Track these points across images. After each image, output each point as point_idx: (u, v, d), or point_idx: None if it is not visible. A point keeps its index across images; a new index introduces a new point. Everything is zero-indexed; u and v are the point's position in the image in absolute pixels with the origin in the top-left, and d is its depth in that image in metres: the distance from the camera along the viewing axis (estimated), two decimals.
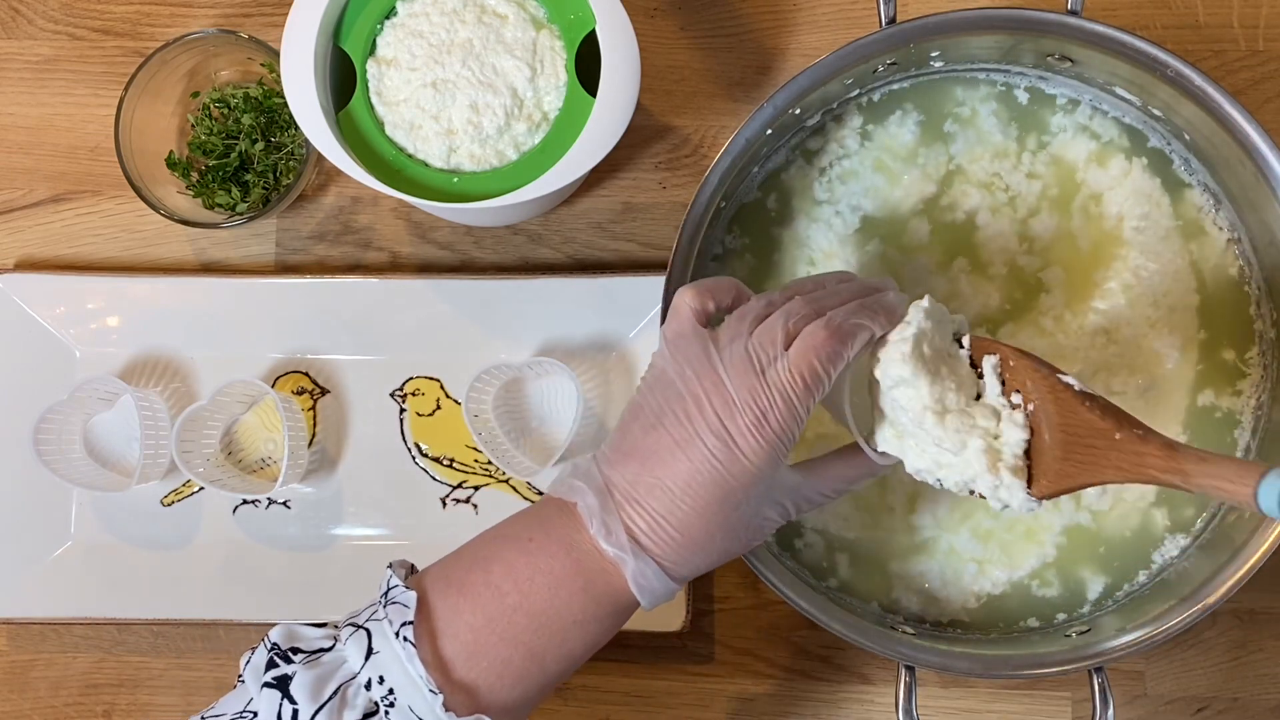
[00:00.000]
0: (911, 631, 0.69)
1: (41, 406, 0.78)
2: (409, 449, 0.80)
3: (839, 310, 0.58)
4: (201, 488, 0.80)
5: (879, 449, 0.60)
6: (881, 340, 0.58)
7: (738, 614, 0.79)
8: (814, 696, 0.78)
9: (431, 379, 0.80)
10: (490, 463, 0.79)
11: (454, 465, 0.80)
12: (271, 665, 0.58)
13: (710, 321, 0.59)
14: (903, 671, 0.66)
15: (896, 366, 0.57)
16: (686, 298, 0.59)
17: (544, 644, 0.57)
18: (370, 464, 0.80)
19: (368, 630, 0.57)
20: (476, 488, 0.80)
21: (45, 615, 0.79)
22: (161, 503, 0.81)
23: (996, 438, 0.57)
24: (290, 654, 0.58)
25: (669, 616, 0.75)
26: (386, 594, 0.59)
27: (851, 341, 0.57)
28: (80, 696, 0.82)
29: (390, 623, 0.57)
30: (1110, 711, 0.65)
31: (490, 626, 0.57)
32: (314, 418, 0.81)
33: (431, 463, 0.80)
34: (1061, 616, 0.71)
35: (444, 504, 0.80)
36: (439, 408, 0.80)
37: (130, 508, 0.81)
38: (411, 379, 0.81)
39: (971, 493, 0.58)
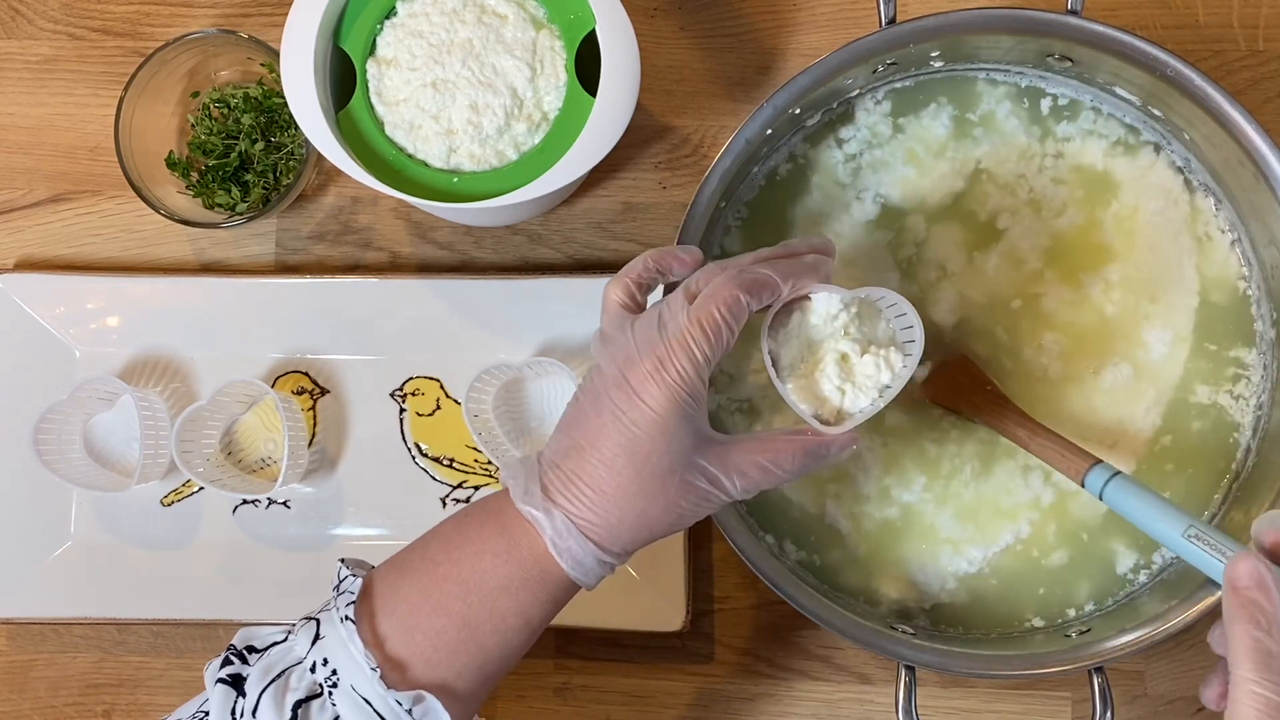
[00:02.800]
0: (911, 631, 0.69)
1: (41, 406, 0.77)
2: (409, 449, 0.80)
3: (748, 265, 0.58)
4: (201, 488, 0.80)
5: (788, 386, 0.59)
6: (804, 300, 0.59)
7: (738, 614, 0.79)
8: (814, 696, 0.78)
9: (431, 379, 0.80)
10: (490, 463, 0.79)
11: (454, 465, 0.80)
12: (227, 663, 0.59)
13: (642, 304, 0.60)
14: (903, 671, 0.66)
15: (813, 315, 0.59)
16: (611, 291, 0.60)
17: (475, 612, 0.57)
18: (370, 464, 0.80)
19: (317, 620, 0.59)
20: (476, 488, 0.80)
21: (45, 615, 0.79)
22: (161, 503, 0.81)
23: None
24: (246, 653, 0.59)
25: (669, 616, 0.75)
26: (338, 585, 0.60)
27: (755, 291, 0.57)
28: (80, 696, 0.82)
29: (337, 608, 0.58)
30: (1110, 711, 0.65)
31: (424, 597, 0.58)
32: (314, 418, 0.81)
33: (431, 463, 0.80)
34: (1071, 613, 0.71)
35: (444, 504, 0.80)
36: (439, 408, 0.80)
37: (130, 508, 0.81)
38: (411, 379, 0.80)
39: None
